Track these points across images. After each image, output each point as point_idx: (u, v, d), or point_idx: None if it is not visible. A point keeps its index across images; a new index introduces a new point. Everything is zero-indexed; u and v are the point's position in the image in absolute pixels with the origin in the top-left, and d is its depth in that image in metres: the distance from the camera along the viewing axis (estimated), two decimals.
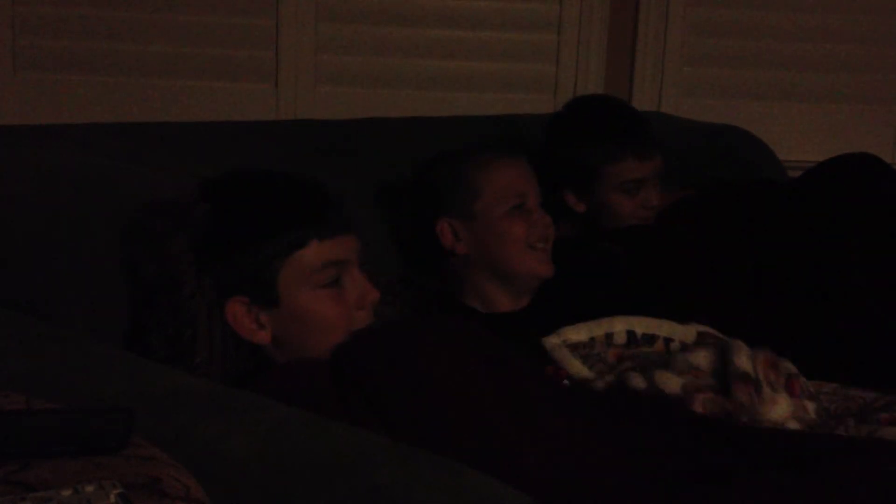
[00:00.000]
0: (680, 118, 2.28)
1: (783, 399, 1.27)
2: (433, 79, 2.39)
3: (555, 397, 1.23)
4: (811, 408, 1.30)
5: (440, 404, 1.11)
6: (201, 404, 0.92)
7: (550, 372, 1.38)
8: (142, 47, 2.28)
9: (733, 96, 2.49)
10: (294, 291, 1.20)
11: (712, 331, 1.47)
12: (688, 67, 2.47)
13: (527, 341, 1.39)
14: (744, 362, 1.29)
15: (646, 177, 1.79)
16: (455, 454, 0.88)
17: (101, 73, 2.28)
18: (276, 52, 2.32)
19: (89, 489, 0.62)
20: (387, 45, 2.37)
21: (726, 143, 2.20)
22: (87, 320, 1.20)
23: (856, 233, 1.69)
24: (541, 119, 1.94)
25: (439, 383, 1.12)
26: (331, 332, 1.20)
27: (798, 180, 1.91)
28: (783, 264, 1.68)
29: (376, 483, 0.80)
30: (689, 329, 1.46)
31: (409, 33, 2.37)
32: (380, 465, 0.82)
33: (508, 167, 1.59)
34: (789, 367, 1.33)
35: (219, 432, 0.86)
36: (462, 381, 1.13)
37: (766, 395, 1.27)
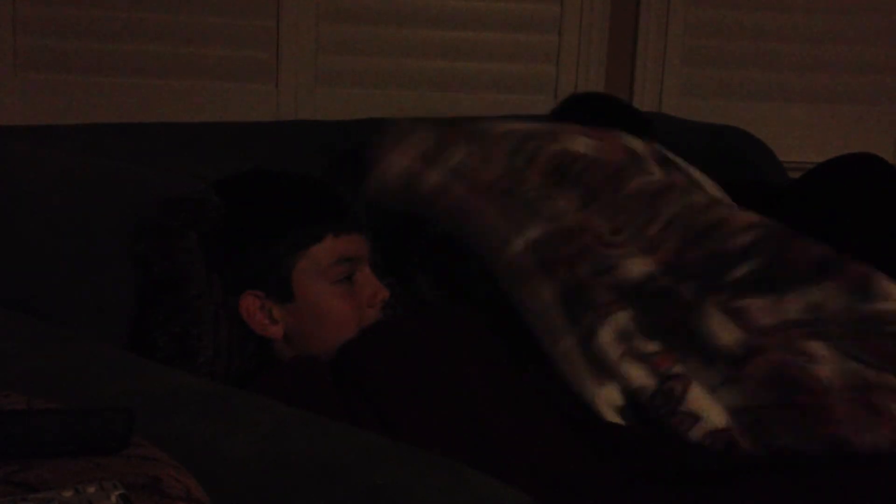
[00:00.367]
0: (680, 119, 2.28)
1: None
2: (434, 79, 2.39)
3: (537, 398, 1.25)
4: None
5: (436, 404, 1.11)
6: (202, 404, 0.92)
7: None
8: (142, 48, 2.29)
9: (734, 97, 2.49)
10: (308, 286, 1.22)
11: None
12: (688, 68, 2.47)
13: None
14: None
15: None
16: (451, 453, 0.89)
17: (101, 74, 2.28)
18: (276, 52, 2.32)
19: (90, 490, 0.62)
20: (388, 46, 2.37)
21: (727, 143, 2.20)
22: (91, 320, 1.20)
23: (857, 233, 1.68)
24: (541, 120, 1.94)
25: (435, 383, 1.13)
26: (342, 328, 1.21)
27: (799, 181, 1.91)
28: None
29: (376, 483, 0.80)
30: None
31: (409, 34, 2.37)
32: (380, 466, 0.82)
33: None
34: None
35: (219, 432, 0.86)
36: (457, 380, 1.14)
37: None
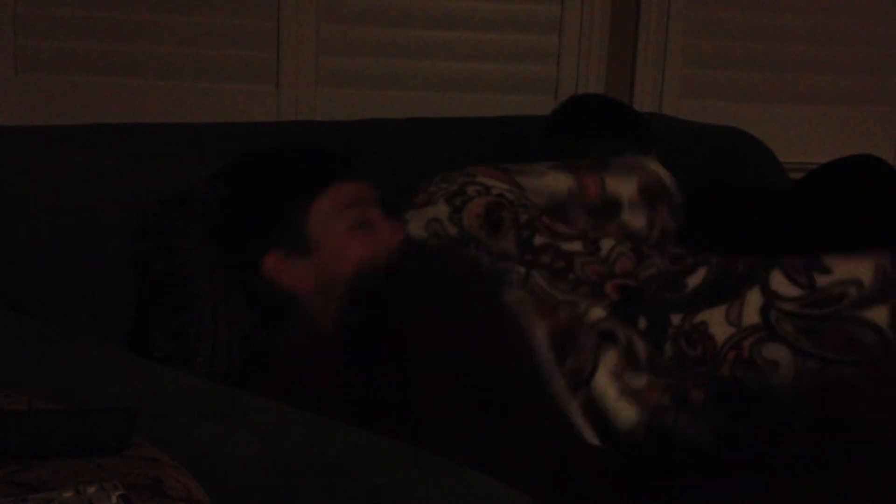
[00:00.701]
0: (681, 120, 2.28)
1: None
2: (434, 80, 2.39)
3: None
4: None
5: (455, 328, 1.12)
6: (202, 405, 0.92)
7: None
8: (143, 48, 2.29)
9: (734, 98, 2.49)
10: (325, 234, 1.25)
11: None
12: (689, 69, 2.47)
13: None
14: None
15: None
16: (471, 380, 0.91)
17: (102, 74, 2.28)
18: (277, 53, 2.32)
19: (91, 490, 0.62)
20: (388, 47, 2.37)
21: (727, 144, 2.20)
22: (91, 320, 1.20)
23: (858, 236, 1.68)
24: (542, 120, 1.94)
25: (458, 316, 1.14)
26: (365, 270, 1.23)
27: (800, 182, 1.91)
28: None
29: (377, 483, 0.80)
30: None
31: (410, 34, 2.37)
32: (381, 466, 0.82)
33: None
34: None
35: (220, 433, 0.86)
36: (474, 305, 1.16)
37: None
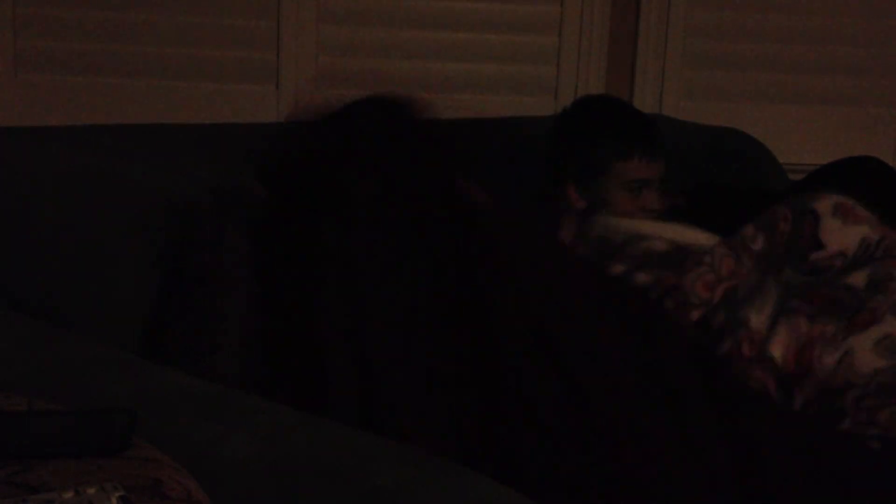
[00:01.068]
0: (681, 121, 2.28)
1: None
2: (434, 81, 2.39)
3: None
4: None
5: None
6: (202, 405, 0.92)
7: None
8: (143, 49, 2.29)
9: (734, 99, 2.49)
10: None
11: None
12: (689, 70, 2.47)
13: None
14: None
15: (650, 178, 1.79)
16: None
17: (102, 75, 2.28)
18: (277, 53, 2.32)
19: (91, 491, 0.62)
20: (388, 47, 2.37)
21: (727, 145, 2.20)
22: (93, 320, 1.20)
23: None
24: (542, 121, 1.94)
25: None
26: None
27: (799, 184, 1.91)
28: None
29: (377, 484, 0.80)
30: None
31: (410, 35, 2.37)
32: (381, 467, 0.82)
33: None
34: None
35: (220, 434, 0.86)
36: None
37: None
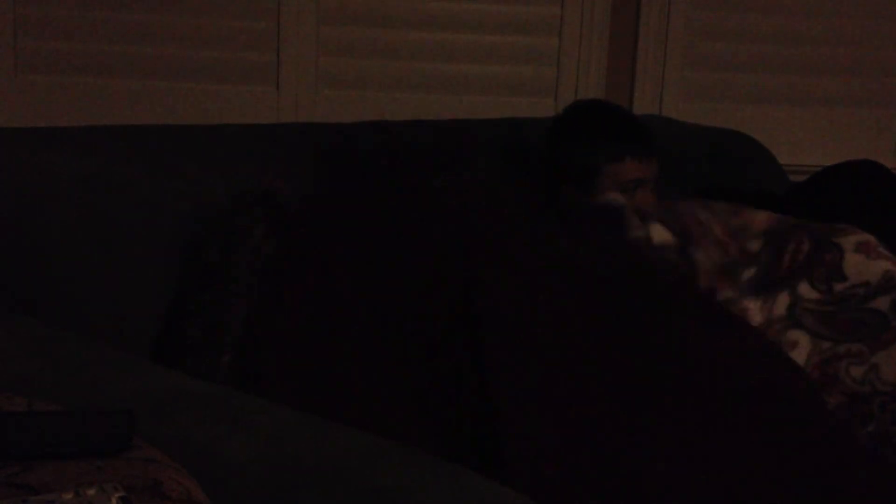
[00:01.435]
0: (680, 122, 2.28)
1: None
2: (435, 82, 2.39)
3: None
4: None
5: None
6: (202, 406, 0.92)
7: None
8: (143, 50, 2.29)
9: (734, 100, 2.50)
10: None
11: None
12: (689, 71, 2.47)
13: None
14: None
15: (643, 178, 1.80)
16: None
17: (102, 76, 2.28)
18: (277, 54, 2.33)
19: (91, 492, 0.62)
20: (389, 48, 2.37)
21: (727, 146, 2.20)
22: (96, 320, 1.20)
23: None
24: (542, 122, 1.94)
25: None
26: None
27: (798, 187, 1.91)
28: None
29: (377, 485, 0.80)
30: None
31: (410, 36, 2.37)
32: (381, 468, 0.82)
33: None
34: None
35: (220, 434, 0.86)
36: None
37: None
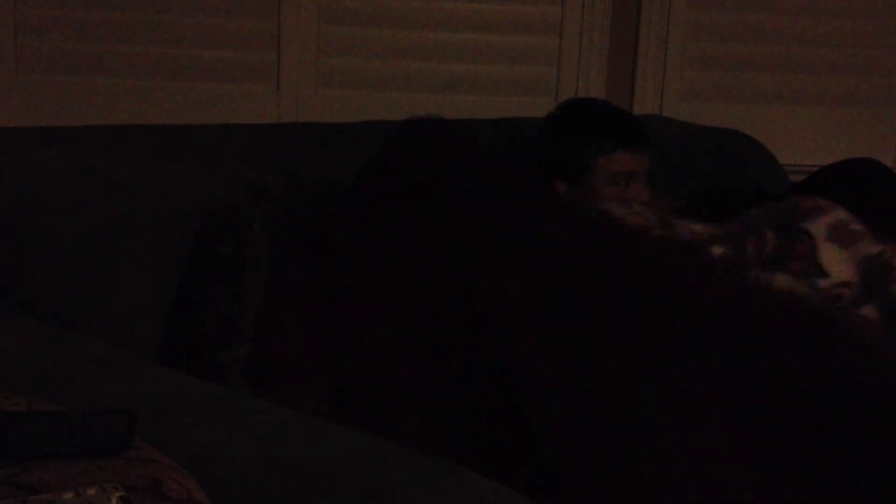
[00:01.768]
0: (681, 122, 2.29)
1: None
2: (435, 82, 2.39)
3: None
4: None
5: None
6: (202, 406, 0.92)
7: None
8: (144, 49, 2.29)
9: (735, 100, 2.50)
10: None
11: None
12: (689, 71, 2.47)
13: None
14: None
15: (635, 171, 1.82)
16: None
17: (103, 76, 2.28)
18: (277, 54, 2.33)
19: (91, 492, 0.62)
20: (389, 48, 2.37)
21: (728, 146, 2.20)
22: (96, 321, 1.20)
23: None
24: (542, 122, 1.94)
25: None
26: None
27: (798, 186, 1.91)
28: None
29: (377, 485, 0.80)
30: None
31: (411, 36, 2.37)
32: (381, 468, 0.82)
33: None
34: None
35: (220, 434, 0.86)
36: None
37: None
